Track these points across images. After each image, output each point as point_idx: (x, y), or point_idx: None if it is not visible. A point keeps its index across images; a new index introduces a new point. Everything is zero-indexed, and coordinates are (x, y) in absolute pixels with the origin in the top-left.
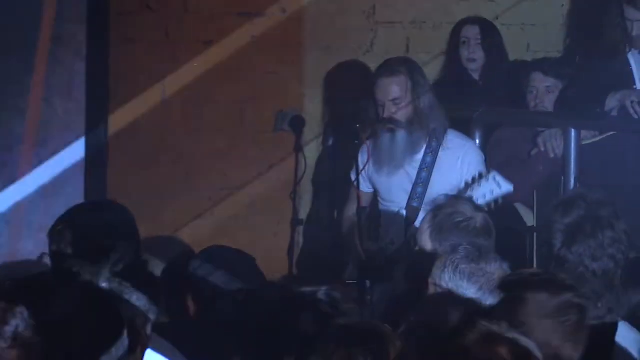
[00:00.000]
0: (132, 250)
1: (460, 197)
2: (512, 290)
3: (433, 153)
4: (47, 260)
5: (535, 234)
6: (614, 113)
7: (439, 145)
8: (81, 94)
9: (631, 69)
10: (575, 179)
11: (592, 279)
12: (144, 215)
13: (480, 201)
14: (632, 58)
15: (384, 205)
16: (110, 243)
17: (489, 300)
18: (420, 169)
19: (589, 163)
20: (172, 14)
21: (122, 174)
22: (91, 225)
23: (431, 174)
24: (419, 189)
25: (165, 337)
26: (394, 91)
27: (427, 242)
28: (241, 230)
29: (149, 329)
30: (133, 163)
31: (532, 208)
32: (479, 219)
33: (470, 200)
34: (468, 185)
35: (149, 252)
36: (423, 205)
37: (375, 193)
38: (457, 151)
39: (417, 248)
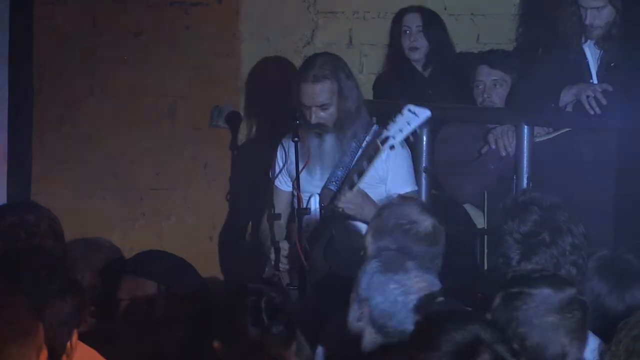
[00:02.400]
0: (55, 255)
1: (409, 198)
2: (513, 287)
3: (352, 154)
4: None
5: (486, 237)
6: (569, 108)
7: (359, 147)
8: (3, 87)
9: (587, 62)
10: (527, 178)
11: None
12: (71, 216)
13: (398, 137)
14: (587, 49)
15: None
16: (31, 246)
17: (408, 317)
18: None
19: (542, 161)
20: (100, 3)
21: (47, 172)
22: (11, 227)
23: (354, 159)
24: (339, 172)
25: (94, 345)
26: (320, 97)
27: (369, 243)
28: (174, 233)
29: (74, 339)
30: (59, 161)
31: (482, 209)
32: (426, 223)
33: (420, 202)
34: (385, 125)
35: (75, 256)
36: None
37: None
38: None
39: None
